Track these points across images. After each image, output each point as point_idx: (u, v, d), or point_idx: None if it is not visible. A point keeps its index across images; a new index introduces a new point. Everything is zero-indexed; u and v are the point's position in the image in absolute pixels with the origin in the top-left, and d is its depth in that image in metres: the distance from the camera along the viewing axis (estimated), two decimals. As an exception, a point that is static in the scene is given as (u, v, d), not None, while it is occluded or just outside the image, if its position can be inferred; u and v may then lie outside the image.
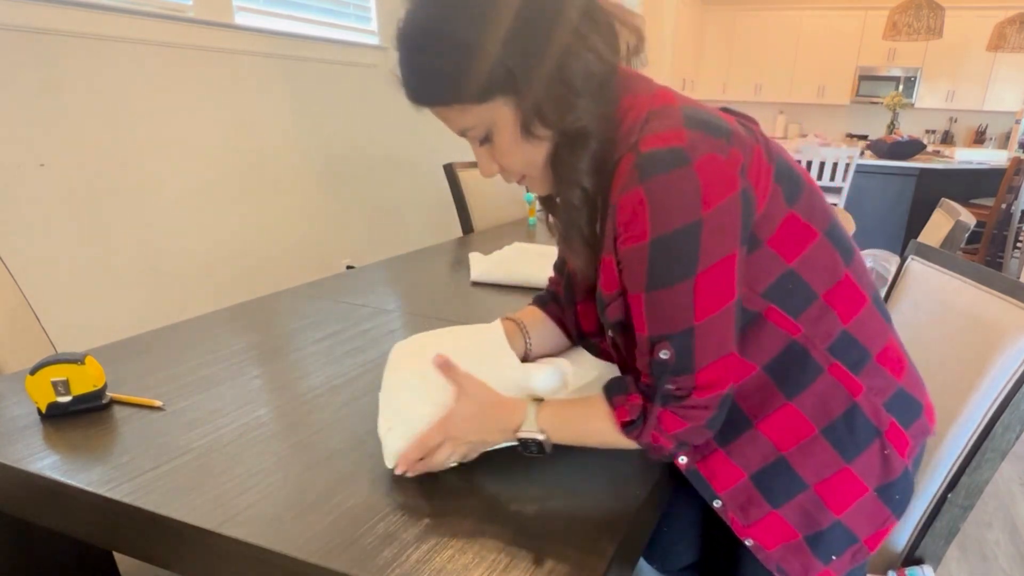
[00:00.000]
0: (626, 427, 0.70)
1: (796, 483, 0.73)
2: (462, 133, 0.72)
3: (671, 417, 0.68)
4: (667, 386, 0.67)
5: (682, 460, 0.76)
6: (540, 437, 0.72)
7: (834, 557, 0.74)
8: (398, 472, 0.72)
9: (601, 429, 0.72)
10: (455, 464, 0.74)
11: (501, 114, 0.67)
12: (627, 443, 0.71)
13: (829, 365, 0.70)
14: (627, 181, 0.63)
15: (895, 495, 0.74)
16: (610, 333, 0.78)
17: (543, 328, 0.93)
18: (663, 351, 0.66)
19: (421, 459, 0.72)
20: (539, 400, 0.75)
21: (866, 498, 0.73)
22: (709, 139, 0.63)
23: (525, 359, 0.90)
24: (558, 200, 0.76)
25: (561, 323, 0.93)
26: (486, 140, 0.71)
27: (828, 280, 0.71)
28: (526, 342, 0.91)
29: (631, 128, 0.67)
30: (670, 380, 0.67)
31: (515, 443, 0.74)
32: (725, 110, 0.73)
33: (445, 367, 0.77)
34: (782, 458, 0.73)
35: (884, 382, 0.73)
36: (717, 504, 0.76)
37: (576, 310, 0.91)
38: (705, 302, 0.64)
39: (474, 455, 0.75)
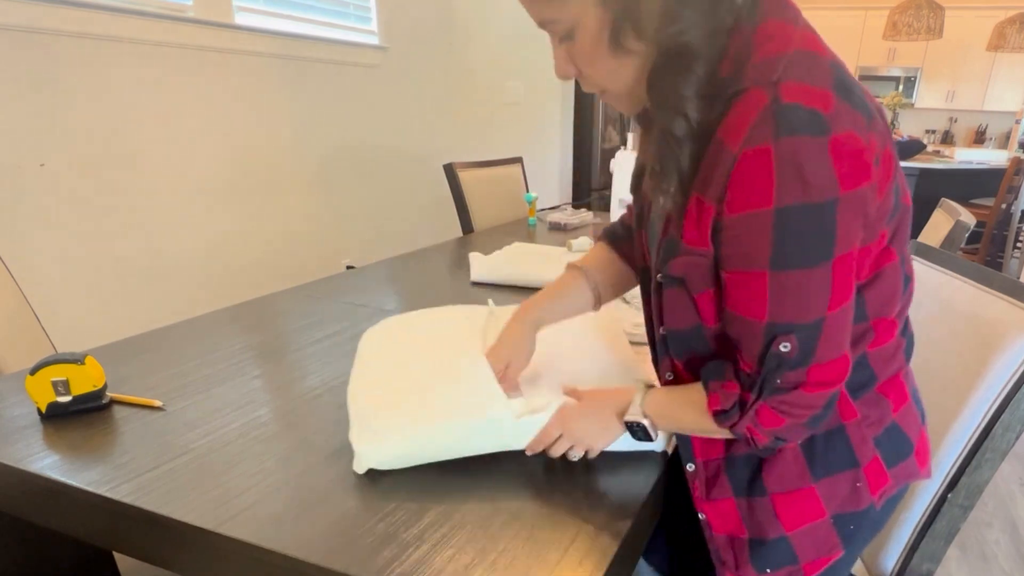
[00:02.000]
0: (718, 416, 0.65)
1: (758, 485, 0.70)
2: (542, 25, 0.62)
3: (770, 413, 0.62)
4: (777, 380, 0.61)
5: None
6: (644, 421, 0.71)
7: (769, 570, 0.71)
8: (530, 452, 0.75)
9: (696, 417, 0.68)
10: (577, 458, 0.75)
11: (589, 14, 0.58)
12: (723, 432, 0.67)
13: None
14: (757, 129, 0.54)
15: (850, 525, 0.70)
16: (658, 283, 0.69)
17: (610, 271, 0.90)
18: (785, 343, 0.58)
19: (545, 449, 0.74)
20: (651, 386, 0.74)
21: (820, 523, 0.70)
22: (854, 115, 0.55)
23: (598, 305, 0.91)
24: (655, 126, 0.64)
25: (630, 260, 0.89)
26: (567, 38, 0.62)
27: (881, 309, 0.66)
28: (594, 292, 0.89)
29: (769, 61, 0.56)
30: (783, 375, 0.60)
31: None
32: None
33: (571, 393, 0.80)
34: (753, 454, 0.71)
35: (880, 413, 0.70)
36: (690, 468, 0.74)
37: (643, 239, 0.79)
38: (840, 291, 0.57)
39: (597, 447, 0.75)
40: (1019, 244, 4.52)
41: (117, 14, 1.94)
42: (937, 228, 1.56)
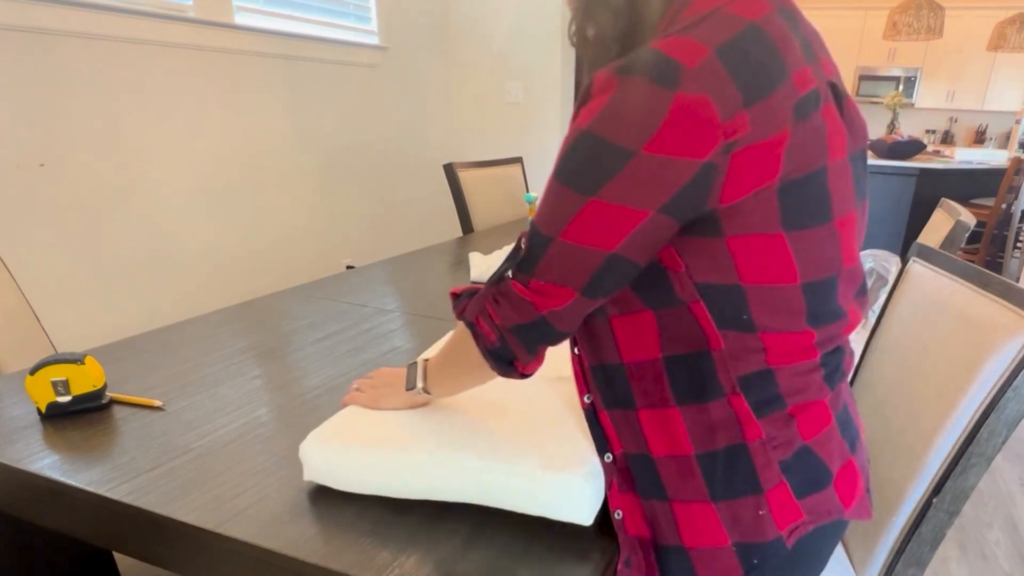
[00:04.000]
0: (455, 302, 0.68)
1: (658, 488, 0.64)
2: None
3: (490, 303, 0.64)
4: (507, 273, 0.63)
5: (586, 399, 0.69)
6: (419, 384, 0.75)
7: None
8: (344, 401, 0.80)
9: (455, 340, 0.71)
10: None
11: None
12: (467, 341, 0.68)
13: (732, 394, 0.61)
14: (619, 61, 0.55)
15: (754, 559, 0.63)
16: None
17: None
18: (524, 239, 0.61)
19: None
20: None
21: (723, 549, 0.63)
22: (725, 85, 0.51)
23: None
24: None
25: None
26: None
27: (776, 325, 0.60)
28: None
29: (684, 19, 0.56)
30: (512, 270, 0.62)
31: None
32: (834, 86, 0.60)
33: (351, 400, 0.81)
34: (649, 457, 0.65)
35: (788, 435, 0.63)
36: (607, 459, 0.68)
37: None
38: (580, 229, 0.57)
39: (381, 405, 0.78)
40: (1019, 244, 4.52)
41: (117, 14, 1.94)
42: (937, 228, 1.56)
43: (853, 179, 0.61)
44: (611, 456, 0.67)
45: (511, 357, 0.65)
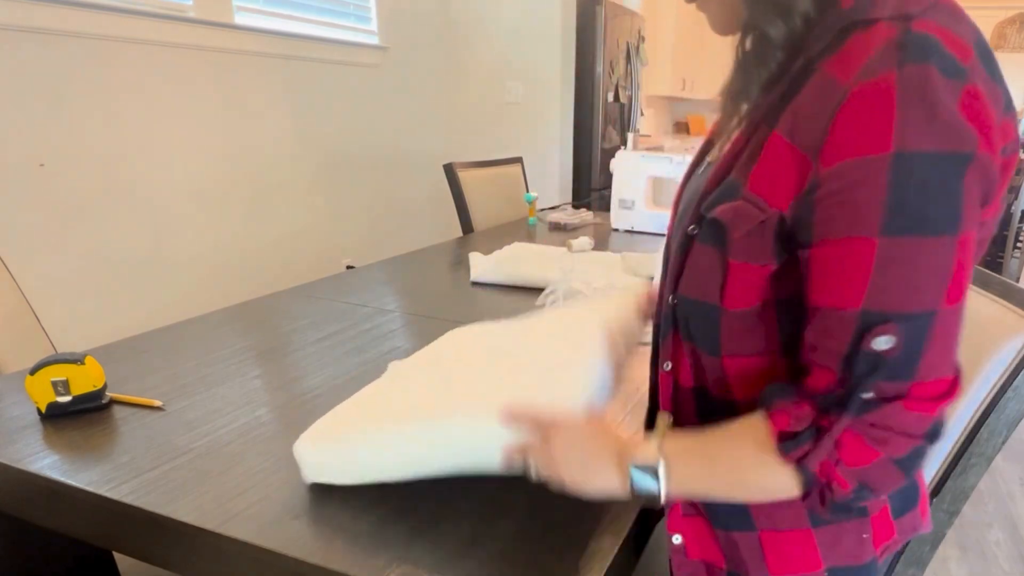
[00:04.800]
0: (784, 442, 0.49)
1: (743, 520, 0.58)
2: None
3: (857, 441, 0.46)
4: (868, 393, 0.45)
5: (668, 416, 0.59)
6: (659, 466, 0.52)
7: None
8: (503, 420, 0.59)
9: (742, 454, 0.51)
10: (538, 479, 0.60)
11: None
12: (782, 482, 0.49)
13: None
14: (878, 60, 0.43)
15: None
16: (688, 236, 0.55)
17: None
18: (885, 337, 0.44)
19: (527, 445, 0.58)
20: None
21: (812, 575, 0.58)
22: (992, 88, 0.45)
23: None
24: (745, 32, 0.54)
25: None
26: None
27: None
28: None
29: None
30: (877, 385, 0.45)
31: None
32: None
33: (517, 417, 0.59)
34: None
35: None
36: None
37: None
38: (960, 280, 0.43)
39: (572, 484, 0.58)
40: (1019, 244, 4.52)
41: (117, 14, 1.94)
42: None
43: None
44: None
45: (865, 501, 0.50)
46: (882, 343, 0.44)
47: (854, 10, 0.47)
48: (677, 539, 0.62)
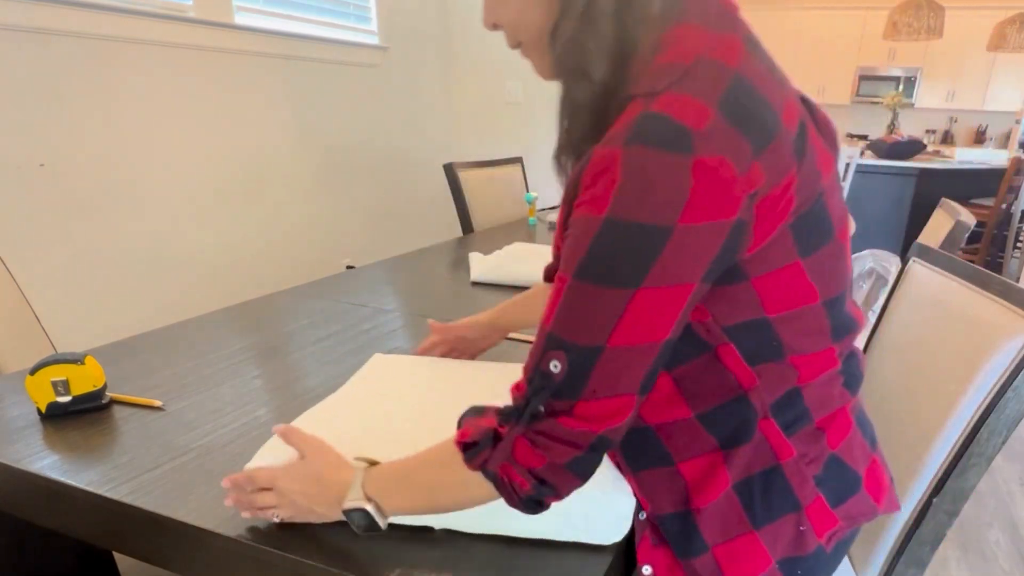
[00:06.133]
0: (467, 452, 0.57)
1: (697, 543, 0.63)
2: None
3: (526, 447, 0.54)
4: (539, 407, 0.54)
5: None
6: (366, 506, 0.59)
7: None
8: (227, 502, 0.64)
9: (439, 473, 0.59)
10: (278, 520, 0.63)
11: None
12: (477, 487, 0.57)
13: (763, 419, 0.61)
14: (615, 134, 0.51)
15: (797, 571, 0.64)
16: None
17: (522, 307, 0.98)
18: (555, 361, 0.53)
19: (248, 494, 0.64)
20: (375, 463, 0.63)
21: (768, 571, 0.63)
22: (736, 140, 0.50)
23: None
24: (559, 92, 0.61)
25: None
26: None
27: (806, 347, 0.60)
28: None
29: (666, 69, 0.53)
30: (547, 401, 0.54)
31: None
32: (805, 101, 0.61)
33: (286, 434, 0.67)
34: (688, 512, 0.63)
35: (819, 449, 0.64)
36: (641, 516, 0.67)
37: None
38: (631, 327, 0.51)
39: (300, 519, 0.63)
40: (1019, 244, 4.52)
41: (117, 14, 1.94)
42: (937, 228, 1.56)
43: (839, 186, 0.62)
44: (644, 514, 0.66)
45: (550, 496, 0.56)
46: (554, 365, 0.53)
47: (631, 85, 0.55)
48: (647, 570, 0.66)
